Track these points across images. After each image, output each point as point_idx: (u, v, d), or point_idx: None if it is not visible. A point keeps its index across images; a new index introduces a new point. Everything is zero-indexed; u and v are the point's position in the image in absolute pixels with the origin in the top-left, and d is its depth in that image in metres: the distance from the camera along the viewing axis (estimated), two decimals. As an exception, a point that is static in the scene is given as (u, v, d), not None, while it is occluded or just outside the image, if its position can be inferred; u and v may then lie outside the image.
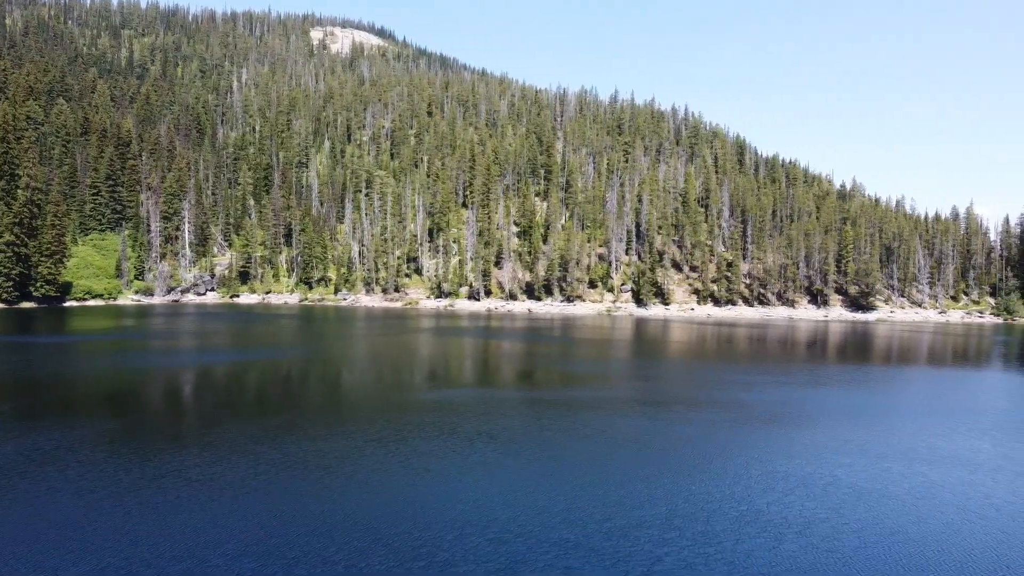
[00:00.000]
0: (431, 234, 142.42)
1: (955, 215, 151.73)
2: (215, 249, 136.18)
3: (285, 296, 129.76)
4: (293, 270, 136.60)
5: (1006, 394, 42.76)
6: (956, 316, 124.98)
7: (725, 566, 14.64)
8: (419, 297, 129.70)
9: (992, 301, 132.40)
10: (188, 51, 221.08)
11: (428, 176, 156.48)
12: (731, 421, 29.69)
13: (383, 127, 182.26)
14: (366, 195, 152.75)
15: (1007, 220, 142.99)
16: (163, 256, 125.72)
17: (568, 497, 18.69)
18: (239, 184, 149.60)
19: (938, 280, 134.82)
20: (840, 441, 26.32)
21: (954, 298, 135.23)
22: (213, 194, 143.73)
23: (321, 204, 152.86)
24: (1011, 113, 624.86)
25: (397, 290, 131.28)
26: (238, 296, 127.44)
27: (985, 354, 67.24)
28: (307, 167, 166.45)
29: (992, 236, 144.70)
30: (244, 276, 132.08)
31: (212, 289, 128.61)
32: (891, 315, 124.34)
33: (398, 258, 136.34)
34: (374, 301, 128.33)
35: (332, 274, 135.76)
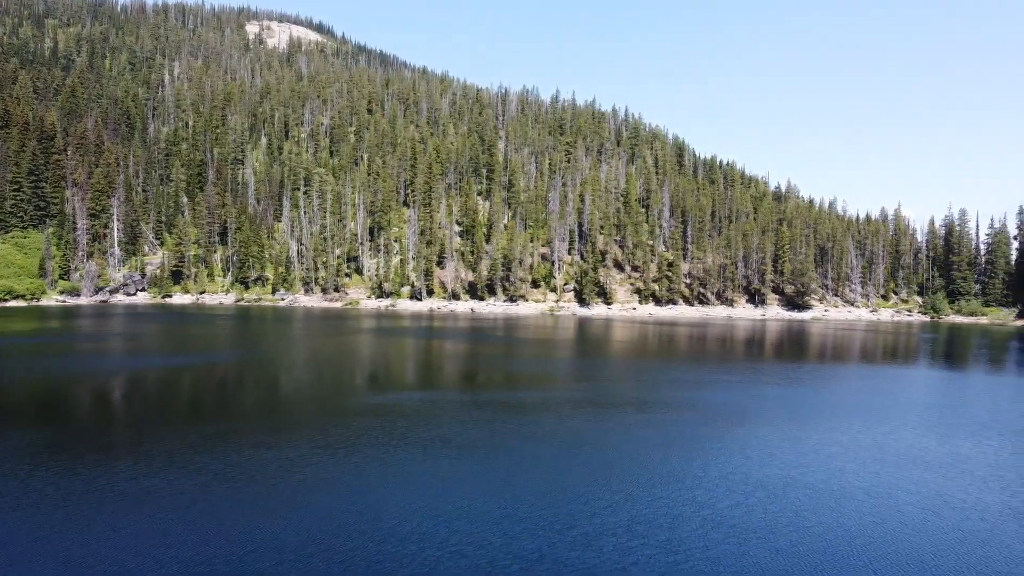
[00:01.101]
0: (372, 233, 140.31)
1: (884, 217, 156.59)
2: (146, 248, 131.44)
3: (220, 296, 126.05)
4: (228, 269, 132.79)
5: (940, 390, 43.92)
6: (886, 314, 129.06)
7: None
8: (360, 297, 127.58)
9: (920, 300, 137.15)
10: (117, 43, 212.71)
11: (368, 174, 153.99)
12: (683, 421, 29.61)
13: (322, 124, 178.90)
14: (304, 193, 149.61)
15: (932, 221, 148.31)
16: (90, 255, 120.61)
17: (528, 504, 18.09)
18: (171, 181, 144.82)
19: (869, 279, 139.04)
20: (791, 440, 26.44)
21: (884, 297, 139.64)
22: (144, 191, 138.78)
23: (258, 202, 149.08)
24: (932, 117, 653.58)
25: (337, 290, 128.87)
26: (170, 296, 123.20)
27: (915, 351, 69.30)
28: (243, 164, 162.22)
29: (919, 237, 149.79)
30: (177, 276, 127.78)
31: (143, 289, 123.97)
32: (825, 313, 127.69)
33: (338, 257, 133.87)
34: (313, 301, 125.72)
35: (269, 273, 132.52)
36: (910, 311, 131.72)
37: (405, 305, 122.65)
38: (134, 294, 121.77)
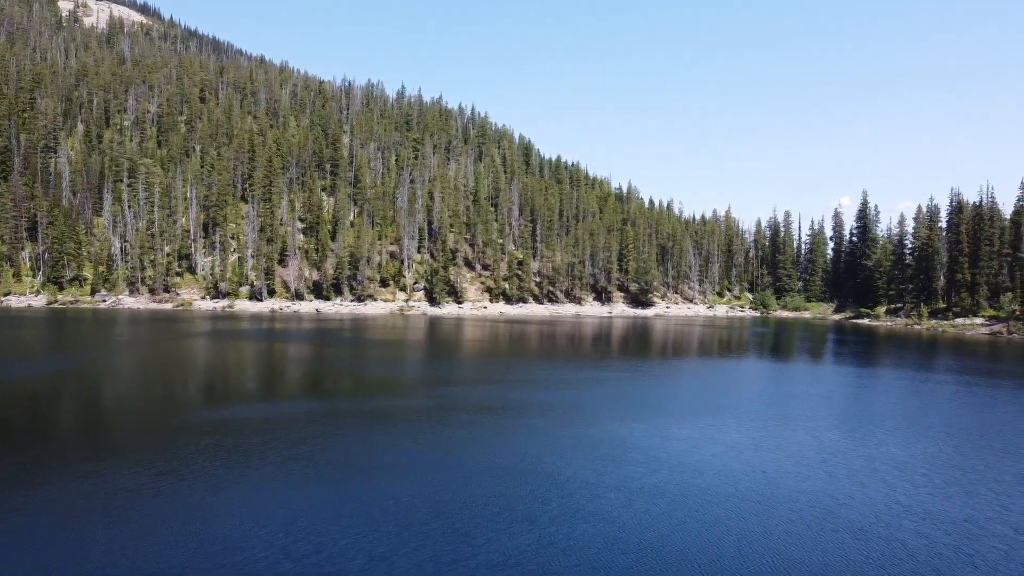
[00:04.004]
0: (206, 229, 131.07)
1: (716, 218, 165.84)
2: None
3: (29, 298, 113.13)
4: (39, 268, 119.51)
5: (789, 383, 45.83)
6: (722, 310, 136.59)
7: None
8: (193, 298, 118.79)
9: (751, 296, 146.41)
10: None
11: (202, 167, 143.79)
12: (559, 424, 28.65)
13: (148, 111, 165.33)
14: (129, 185, 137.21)
15: (759, 223, 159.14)
16: None
17: (418, 534, 15.96)
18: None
19: (706, 277, 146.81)
20: (673, 440, 26.07)
21: (720, 294, 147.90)
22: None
23: (74, 194, 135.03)
24: (756, 119, 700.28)
25: (167, 290, 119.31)
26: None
27: (751, 346, 73.06)
28: (56, 152, 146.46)
29: (748, 237, 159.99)
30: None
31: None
32: (667, 310, 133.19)
33: (168, 255, 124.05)
34: (140, 303, 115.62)
35: (88, 273, 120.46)
36: (743, 307, 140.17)
37: (244, 306, 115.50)
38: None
